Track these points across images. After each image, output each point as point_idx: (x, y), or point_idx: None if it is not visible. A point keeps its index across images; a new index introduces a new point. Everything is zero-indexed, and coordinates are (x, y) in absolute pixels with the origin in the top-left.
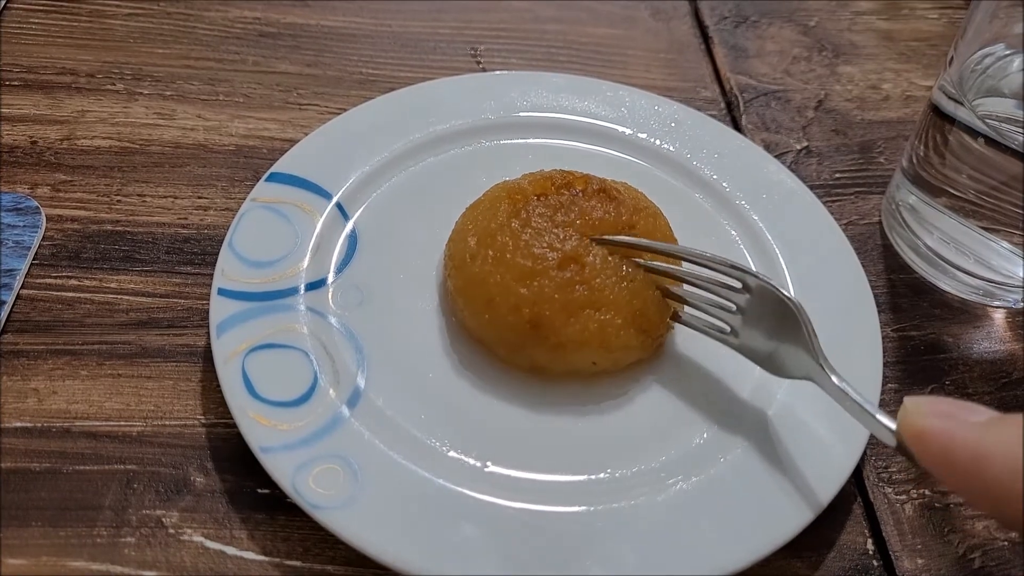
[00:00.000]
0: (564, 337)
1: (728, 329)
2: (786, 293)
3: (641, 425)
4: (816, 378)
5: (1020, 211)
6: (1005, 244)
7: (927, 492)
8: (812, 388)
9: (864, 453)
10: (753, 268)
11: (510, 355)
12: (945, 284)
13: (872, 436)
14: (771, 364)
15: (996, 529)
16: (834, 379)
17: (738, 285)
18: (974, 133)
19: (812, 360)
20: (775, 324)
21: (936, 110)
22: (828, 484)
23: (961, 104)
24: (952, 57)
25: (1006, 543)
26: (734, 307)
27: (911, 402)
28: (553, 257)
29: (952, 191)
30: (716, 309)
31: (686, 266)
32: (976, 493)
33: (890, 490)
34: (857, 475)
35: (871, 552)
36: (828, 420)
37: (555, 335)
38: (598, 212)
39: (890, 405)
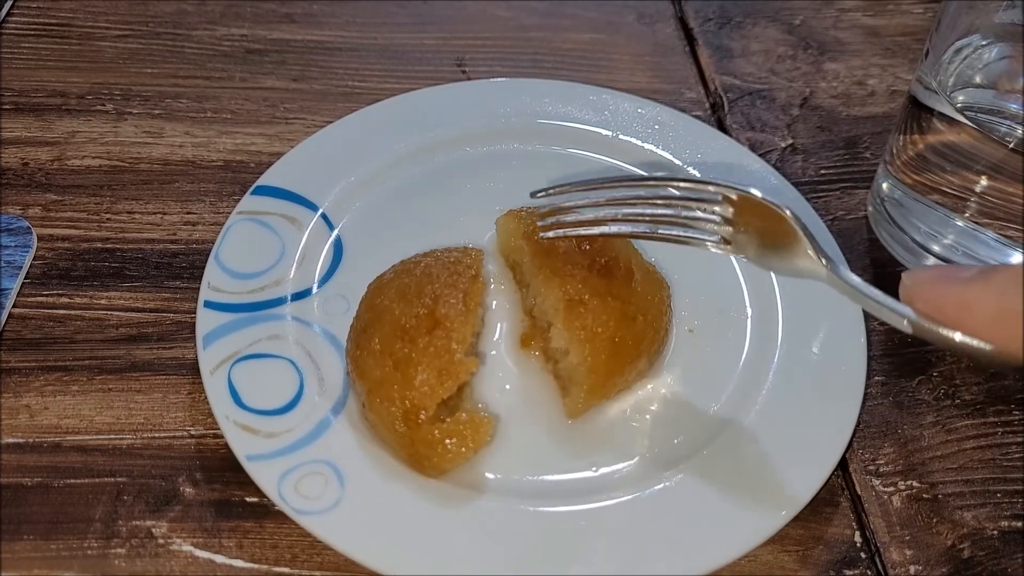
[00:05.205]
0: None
1: (719, 238)
2: (771, 200)
3: (623, 425)
4: (824, 278)
5: (1005, 201)
6: (991, 234)
7: (915, 484)
8: (796, 385)
9: (850, 446)
10: (731, 181)
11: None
12: None
13: (857, 428)
14: (774, 266)
15: (985, 519)
16: (844, 274)
17: (719, 199)
18: (953, 124)
19: (816, 261)
20: (765, 228)
21: (915, 103)
22: (812, 477)
23: (939, 96)
24: (928, 49)
25: (995, 533)
26: (719, 219)
27: (907, 275)
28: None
29: (934, 183)
30: (703, 223)
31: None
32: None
33: (877, 482)
34: (844, 468)
35: (859, 544)
36: (811, 415)
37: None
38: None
39: (877, 398)
